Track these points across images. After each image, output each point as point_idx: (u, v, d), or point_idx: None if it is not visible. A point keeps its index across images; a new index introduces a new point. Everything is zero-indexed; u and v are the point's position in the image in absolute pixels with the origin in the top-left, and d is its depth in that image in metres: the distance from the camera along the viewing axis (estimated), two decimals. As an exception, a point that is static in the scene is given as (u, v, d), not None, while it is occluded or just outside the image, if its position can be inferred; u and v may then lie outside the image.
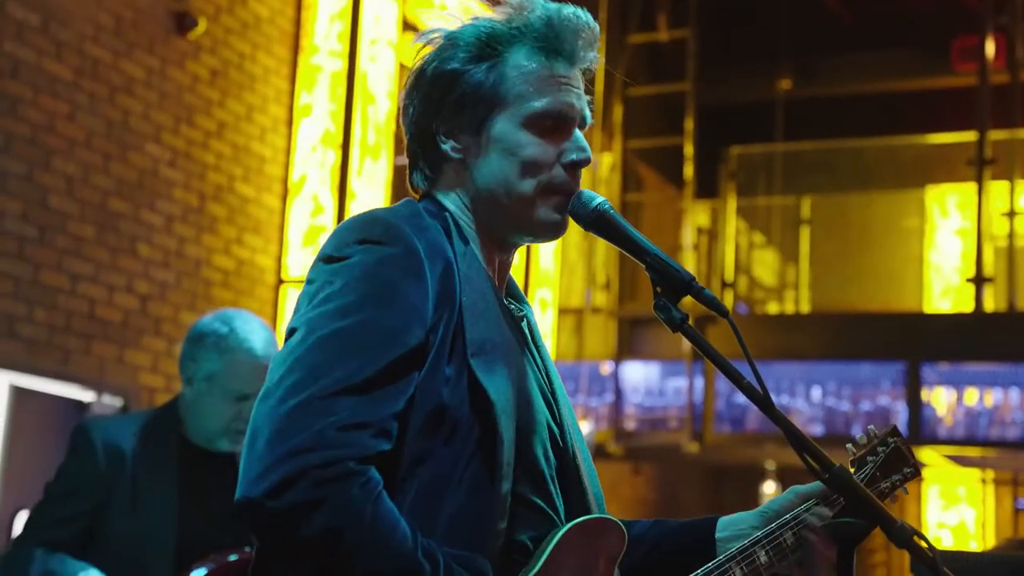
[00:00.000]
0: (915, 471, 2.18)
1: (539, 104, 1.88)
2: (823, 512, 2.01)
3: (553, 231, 1.93)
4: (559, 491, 1.87)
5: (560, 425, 1.91)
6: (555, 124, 1.90)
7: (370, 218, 1.81)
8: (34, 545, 3.03)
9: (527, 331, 1.98)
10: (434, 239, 1.81)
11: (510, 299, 2.00)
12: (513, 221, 1.91)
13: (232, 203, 6.87)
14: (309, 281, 1.79)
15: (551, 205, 1.90)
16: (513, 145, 1.88)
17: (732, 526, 2.03)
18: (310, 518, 1.59)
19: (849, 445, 2.13)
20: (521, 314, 1.99)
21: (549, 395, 1.93)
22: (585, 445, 2.00)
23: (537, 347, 1.98)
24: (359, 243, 1.76)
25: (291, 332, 1.74)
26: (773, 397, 1.78)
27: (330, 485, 1.60)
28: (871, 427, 2.18)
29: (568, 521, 1.85)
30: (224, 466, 3.10)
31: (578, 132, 1.93)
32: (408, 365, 1.71)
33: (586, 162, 1.92)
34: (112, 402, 6.19)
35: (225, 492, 1.94)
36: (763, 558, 1.95)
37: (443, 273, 1.78)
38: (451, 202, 1.92)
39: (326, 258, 1.78)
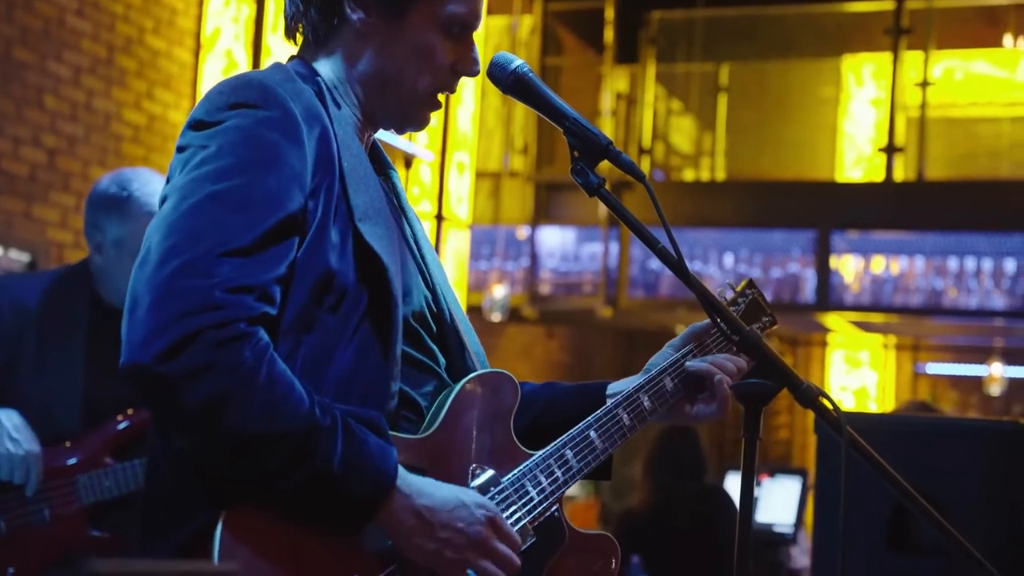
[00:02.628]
0: (772, 320, 2.25)
1: (456, 8, 1.87)
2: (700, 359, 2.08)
3: (419, 128, 1.98)
4: (440, 351, 1.90)
5: (432, 289, 1.93)
6: (461, 31, 1.89)
7: (243, 81, 1.77)
8: None
9: (394, 197, 1.99)
10: (309, 102, 1.78)
11: (375, 165, 1.99)
12: (391, 110, 1.92)
13: (142, 56, 6.69)
14: (179, 148, 1.74)
15: (431, 107, 1.93)
16: (424, 45, 1.87)
17: (621, 388, 2.06)
18: (202, 382, 1.57)
19: None
20: (388, 180, 2.00)
21: (419, 259, 1.94)
22: (459, 306, 2.03)
23: (404, 212, 1.99)
24: (233, 107, 1.72)
25: (163, 200, 1.71)
26: (686, 263, 1.81)
27: (222, 348, 1.58)
28: (729, 281, 2.24)
29: (452, 379, 1.88)
30: None
31: (473, 41, 1.94)
32: (289, 229, 1.70)
33: (477, 74, 1.94)
34: (19, 257, 6.09)
35: None
36: (647, 403, 2.00)
37: (320, 137, 1.76)
38: (329, 68, 1.89)
39: (197, 123, 1.74)
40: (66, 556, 2.98)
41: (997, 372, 10.83)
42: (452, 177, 9.15)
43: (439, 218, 8.17)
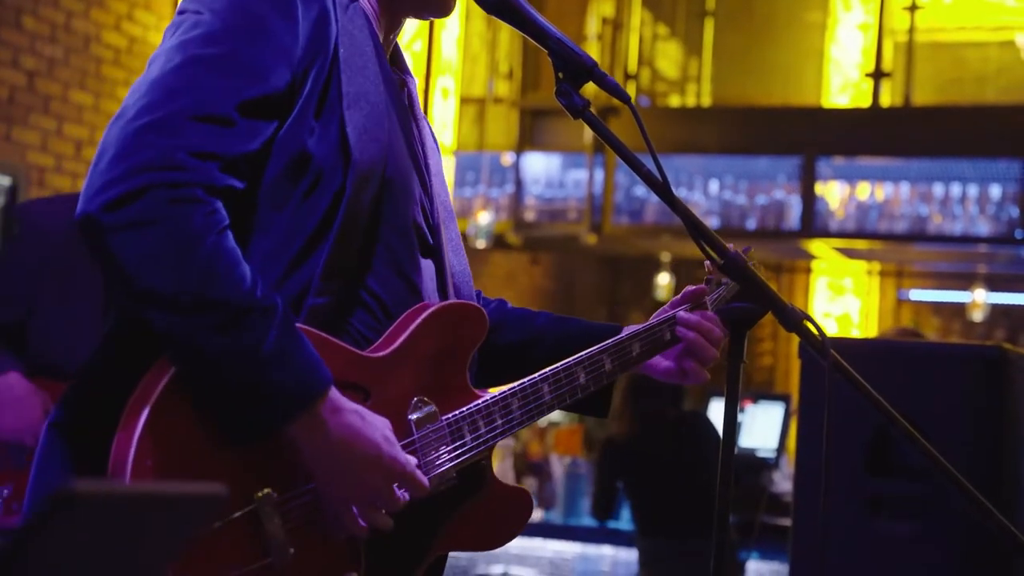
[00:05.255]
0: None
1: None
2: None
3: (441, 10, 1.91)
4: (423, 261, 1.86)
5: (431, 200, 1.90)
6: None
7: None
8: None
9: (407, 101, 1.95)
10: None
11: (394, 67, 1.96)
12: None
13: (122, -23, 6.59)
14: (179, 12, 1.72)
15: None
16: None
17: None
18: (145, 235, 1.54)
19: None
20: (403, 80, 1.96)
21: (423, 168, 1.91)
22: (455, 225, 2.00)
23: (416, 119, 1.95)
24: None
25: (152, 62, 1.67)
26: (671, 188, 1.79)
27: (174, 206, 1.55)
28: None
29: (427, 297, 1.85)
30: None
31: None
32: (269, 105, 1.66)
33: None
34: (0, 181, 6.04)
35: None
36: (608, 365, 1.95)
37: (318, 18, 1.72)
38: None
39: None
40: None
41: (980, 298, 10.87)
42: (436, 103, 9.09)
43: (423, 143, 8.11)
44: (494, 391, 1.88)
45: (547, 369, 1.90)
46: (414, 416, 1.77)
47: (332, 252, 1.70)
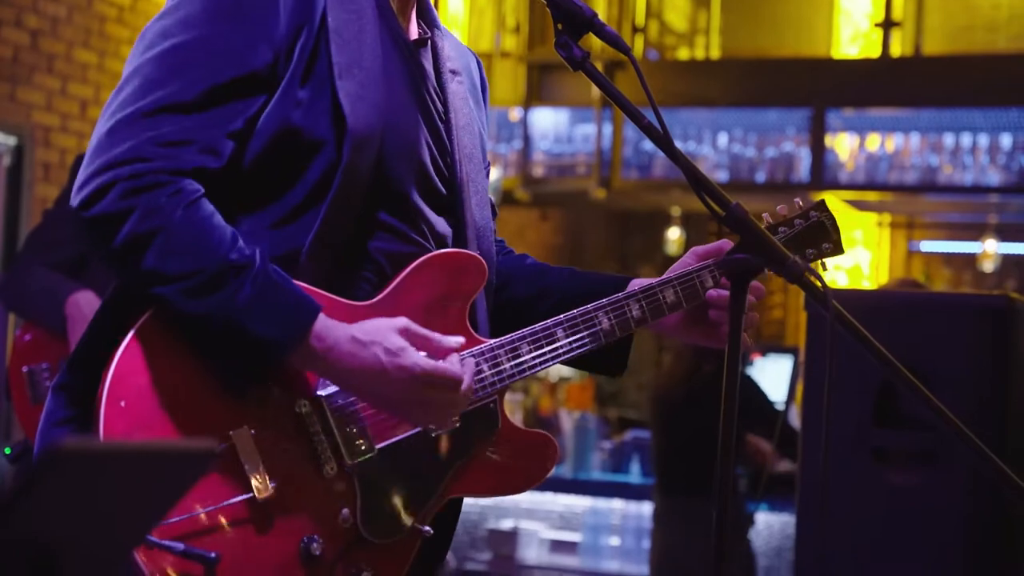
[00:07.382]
0: (834, 248, 2.10)
1: None
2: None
3: None
4: (436, 218, 1.86)
5: (451, 153, 1.89)
6: None
7: None
8: (33, 264, 3.26)
9: (431, 55, 1.93)
10: None
11: (420, 21, 1.95)
12: None
13: (124, -66, 6.55)
14: None
15: None
16: None
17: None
18: (119, 226, 1.65)
19: (766, 214, 2.08)
20: (426, 36, 1.94)
21: (440, 124, 1.89)
22: (484, 178, 1.98)
23: (439, 72, 1.93)
24: None
25: (141, 38, 1.74)
26: (680, 144, 1.77)
27: (137, 195, 1.65)
28: (797, 199, 2.10)
29: (441, 247, 1.86)
30: None
31: None
32: (248, 85, 1.70)
33: None
34: (5, 141, 6.03)
35: None
36: (635, 312, 1.93)
37: None
38: None
39: None
40: None
41: (991, 249, 10.82)
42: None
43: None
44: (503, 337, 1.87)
45: (562, 315, 1.88)
46: None
47: (326, 219, 1.73)
